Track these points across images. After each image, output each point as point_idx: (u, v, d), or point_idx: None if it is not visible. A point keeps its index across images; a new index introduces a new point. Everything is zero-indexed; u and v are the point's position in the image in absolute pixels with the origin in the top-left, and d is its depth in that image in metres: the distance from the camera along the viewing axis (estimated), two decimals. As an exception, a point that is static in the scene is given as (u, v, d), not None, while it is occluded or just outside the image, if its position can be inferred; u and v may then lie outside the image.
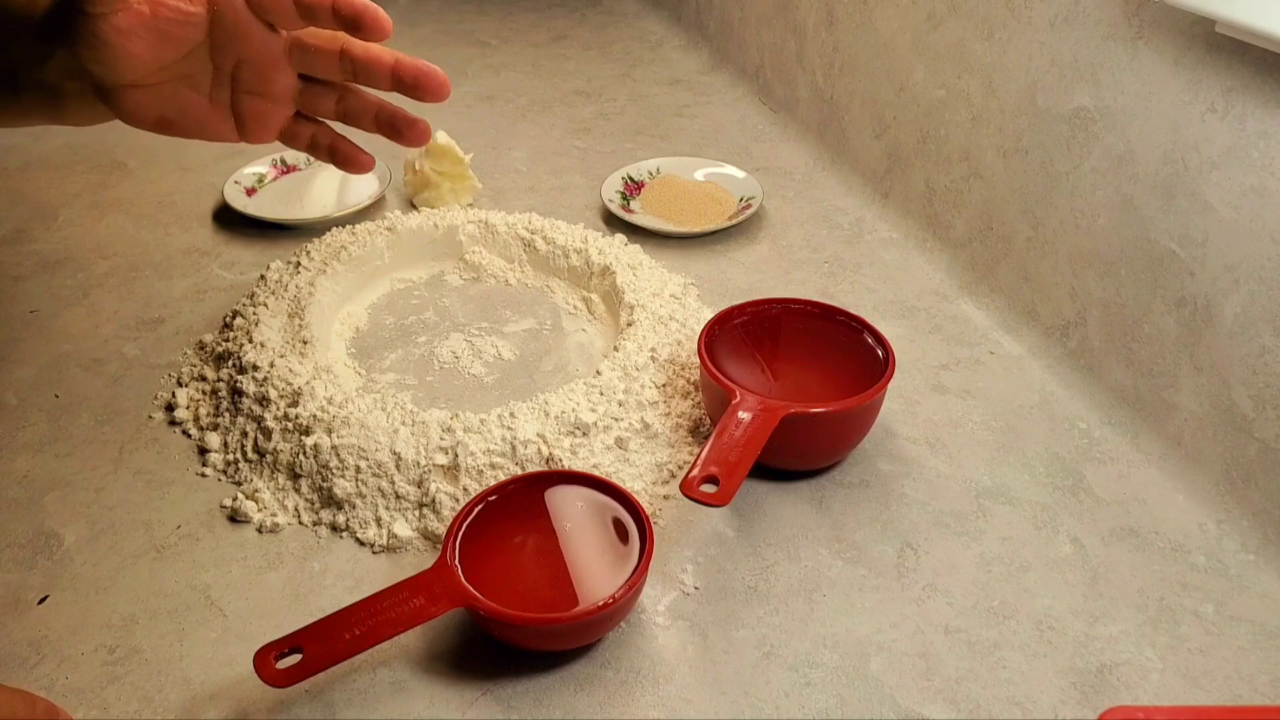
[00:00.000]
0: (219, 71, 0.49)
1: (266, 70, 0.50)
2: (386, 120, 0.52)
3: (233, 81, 0.50)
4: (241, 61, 0.49)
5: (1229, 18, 0.47)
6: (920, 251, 0.75)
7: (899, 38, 0.76)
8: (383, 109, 0.52)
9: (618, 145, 0.93)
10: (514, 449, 0.52)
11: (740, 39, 1.03)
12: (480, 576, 0.45)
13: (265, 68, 0.49)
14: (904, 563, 0.50)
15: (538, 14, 1.27)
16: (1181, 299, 0.54)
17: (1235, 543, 0.51)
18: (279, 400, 0.55)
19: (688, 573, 0.49)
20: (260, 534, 0.51)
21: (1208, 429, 0.54)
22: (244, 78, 0.49)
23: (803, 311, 0.60)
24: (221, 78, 0.49)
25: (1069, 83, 0.60)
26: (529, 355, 0.64)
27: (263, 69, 0.49)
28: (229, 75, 0.49)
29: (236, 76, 0.49)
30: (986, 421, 0.59)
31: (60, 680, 0.44)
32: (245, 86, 0.50)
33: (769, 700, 0.44)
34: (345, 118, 0.53)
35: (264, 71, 0.50)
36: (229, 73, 0.49)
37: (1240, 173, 0.50)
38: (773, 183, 0.85)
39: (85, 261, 0.73)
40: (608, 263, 0.68)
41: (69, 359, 0.63)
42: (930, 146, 0.74)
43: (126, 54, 0.45)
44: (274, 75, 0.50)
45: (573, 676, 0.45)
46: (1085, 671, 0.45)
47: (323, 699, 0.43)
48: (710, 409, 0.56)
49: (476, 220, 0.73)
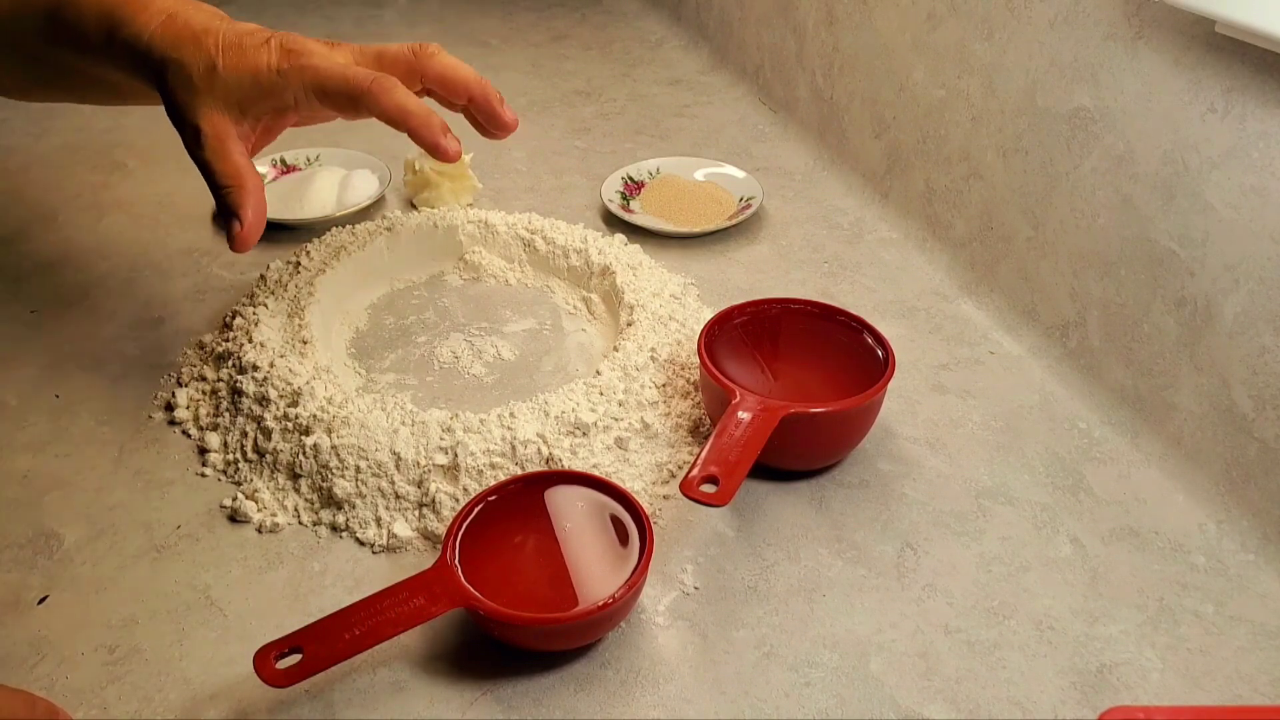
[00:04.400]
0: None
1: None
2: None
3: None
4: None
5: (1229, 18, 0.47)
6: (920, 251, 0.75)
7: (899, 38, 0.76)
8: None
9: (618, 145, 0.93)
10: (514, 449, 0.52)
11: (740, 39, 1.03)
12: (480, 576, 0.45)
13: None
14: (904, 563, 0.50)
15: (538, 14, 1.27)
16: (1181, 299, 0.54)
17: (1235, 543, 0.51)
18: (279, 400, 0.55)
19: (688, 573, 0.49)
20: (260, 534, 0.51)
21: (1208, 429, 0.54)
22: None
23: (803, 311, 0.60)
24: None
25: (1069, 83, 0.60)
26: (529, 355, 0.64)
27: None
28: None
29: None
30: (986, 421, 0.59)
31: (60, 680, 0.44)
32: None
33: (769, 700, 0.44)
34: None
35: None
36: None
37: (1240, 173, 0.50)
38: (773, 183, 0.85)
39: (85, 261, 0.73)
40: (608, 263, 0.68)
41: (69, 359, 0.63)
42: (930, 146, 0.74)
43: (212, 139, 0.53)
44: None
45: (573, 676, 0.45)
46: (1085, 671, 0.45)
47: (323, 699, 0.43)
48: (710, 409, 0.56)
49: (476, 220, 0.73)
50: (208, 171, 0.54)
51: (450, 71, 0.58)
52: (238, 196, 0.53)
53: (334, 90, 0.53)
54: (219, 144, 0.53)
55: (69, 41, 0.55)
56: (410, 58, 0.57)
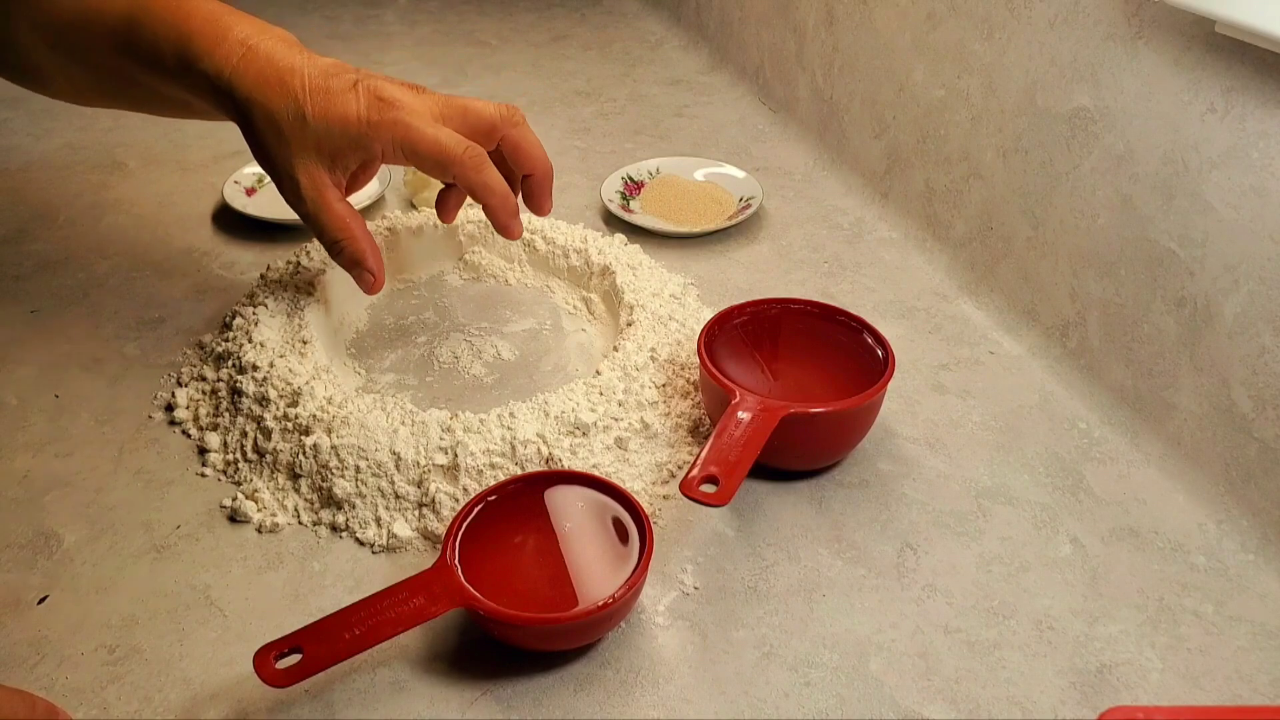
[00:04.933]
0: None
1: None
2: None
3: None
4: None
5: (1229, 18, 0.47)
6: (920, 251, 0.75)
7: (899, 38, 0.76)
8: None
9: (618, 145, 0.93)
10: (514, 449, 0.52)
11: (740, 39, 1.03)
12: (480, 576, 0.45)
13: None
14: (904, 563, 0.50)
15: (538, 14, 1.27)
16: (1181, 299, 0.54)
17: (1235, 543, 0.51)
18: (279, 400, 0.55)
19: (687, 573, 0.49)
20: (260, 534, 0.51)
21: (1208, 429, 0.54)
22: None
23: (803, 311, 0.60)
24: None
25: (1069, 82, 0.60)
26: (529, 355, 0.64)
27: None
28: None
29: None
30: (986, 421, 0.59)
31: (60, 680, 0.44)
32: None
33: (769, 700, 0.44)
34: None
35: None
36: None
37: (1240, 173, 0.50)
38: (773, 183, 0.85)
39: (85, 261, 0.73)
40: (607, 263, 0.68)
41: (69, 359, 0.63)
42: (930, 146, 0.74)
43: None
44: None
45: (573, 676, 0.45)
46: (1085, 671, 0.45)
47: (323, 699, 0.43)
48: (710, 409, 0.56)
49: (476, 220, 0.73)
50: (315, 225, 0.54)
51: (528, 146, 0.58)
52: (354, 249, 0.55)
53: (425, 154, 0.53)
54: (319, 195, 0.53)
55: (143, 61, 0.54)
56: (496, 121, 0.57)
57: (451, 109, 0.56)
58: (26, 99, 0.98)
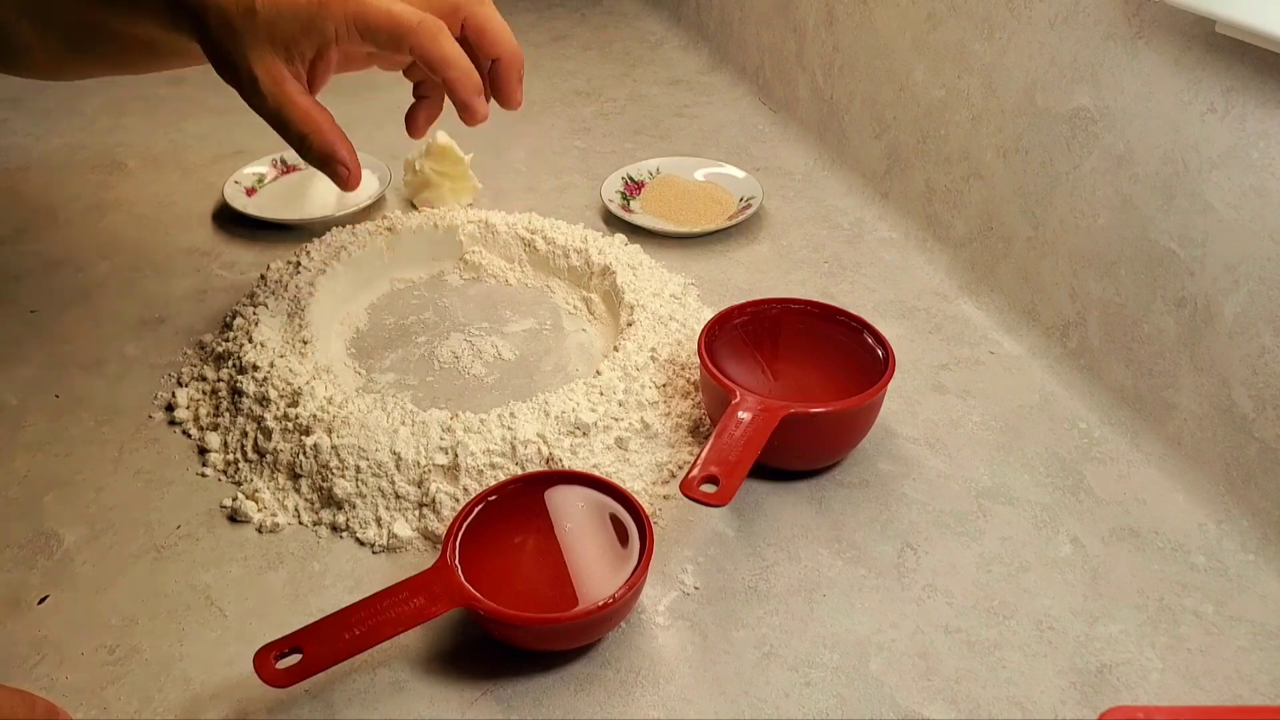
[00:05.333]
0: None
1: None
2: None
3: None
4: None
5: (1229, 18, 0.47)
6: (920, 251, 0.75)
7: (899, 38, 0.76)
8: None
9: (618, 145, 0.93)
10: (514, 449, 0.52)
11: (740, 39, 1.03)
12: (480, 576, 0.45)
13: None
14: (904, 563, 0.50)
15: (538, 14, 1.27)
16: (1181, 299, 0.54)
17: (1235, 543, 0.51)
18: (279, 400, 0.55)
19: (688, 573, 0.49)
20: (260, 534, 0.51)
21: (1208, 429, 0.54)
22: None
23: (803, 311, 0.60)
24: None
25: (1069, 83, 0.60)
26: (529, 355, 0.64)
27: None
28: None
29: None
30: (986, 421, 0.59)
31: (60, 680, 0.44)
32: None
33: (769, 700, 0.44)
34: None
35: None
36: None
37: (1240, 173, 0.50)
38: (773, 183, 0.85)
39: (85, 261, 0.73)
40: (608, 263, 0.68)
41: (69, 359, 0.63)
42: (930, 146, 0.74)
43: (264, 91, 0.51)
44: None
45: (573, 676, 0.45)
46: (1085, 671, 0.45)
47: (323, 699, 0.43)
48: (710, 409, 0.56)
49: (476, 220, 0.73)
50: (276, 121, 0.51)
51: (494, 26, 0.56)
52: (322, 140, 0.52)
53: (377, 25, 0.50)
54: (278, 89, 0.51)
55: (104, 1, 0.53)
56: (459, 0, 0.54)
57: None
58: (26, 99, 0.98)
